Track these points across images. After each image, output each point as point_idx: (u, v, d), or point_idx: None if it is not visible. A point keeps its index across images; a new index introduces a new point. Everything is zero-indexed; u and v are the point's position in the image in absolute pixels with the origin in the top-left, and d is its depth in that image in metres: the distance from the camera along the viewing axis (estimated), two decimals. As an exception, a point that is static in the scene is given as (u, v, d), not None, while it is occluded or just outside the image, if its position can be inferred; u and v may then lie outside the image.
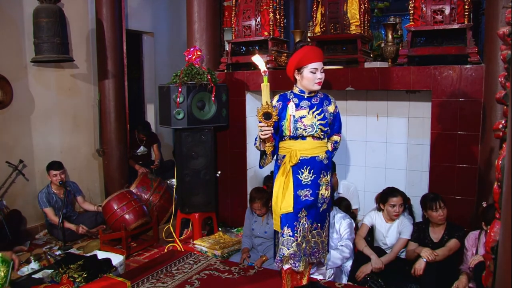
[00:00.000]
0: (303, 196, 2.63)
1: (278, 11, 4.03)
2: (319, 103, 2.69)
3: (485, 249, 1.38)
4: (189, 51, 3.76)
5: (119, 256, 3.42)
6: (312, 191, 2.63)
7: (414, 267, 2.90)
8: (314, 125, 2.61)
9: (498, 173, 1.35)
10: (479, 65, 3.10)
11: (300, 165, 2.62)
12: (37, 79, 4.39)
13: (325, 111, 2.67)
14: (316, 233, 2.72)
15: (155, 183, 4.59)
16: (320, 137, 2.65)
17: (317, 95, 2.72)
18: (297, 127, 2.59)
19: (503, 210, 1.19)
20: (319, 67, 2.60)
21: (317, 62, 2.59)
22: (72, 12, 4.53)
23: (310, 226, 2.66)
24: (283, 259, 2.64)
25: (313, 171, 2.63)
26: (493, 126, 1.54)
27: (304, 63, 2.60)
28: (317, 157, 2.64)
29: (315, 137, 2.63)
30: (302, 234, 2.63)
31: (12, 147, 4.20)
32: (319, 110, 2.65)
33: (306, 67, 2.60)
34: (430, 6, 3.26)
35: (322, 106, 2.68)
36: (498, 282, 1.22)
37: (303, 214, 2.64)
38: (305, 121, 2.61)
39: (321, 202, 2.69)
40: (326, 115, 2.66)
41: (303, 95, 2.68)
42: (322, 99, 2.72)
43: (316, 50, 2.67)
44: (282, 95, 2.75)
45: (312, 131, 2.61)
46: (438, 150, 3.28)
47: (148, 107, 6.03)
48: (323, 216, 2.73)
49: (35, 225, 4.36)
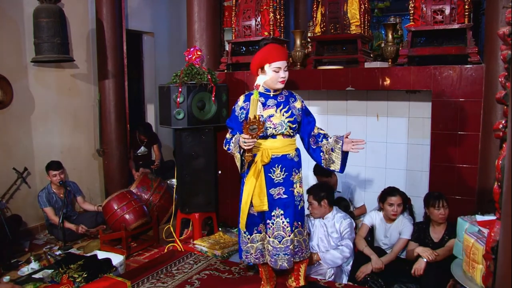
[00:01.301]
0: (276, 195, 2.66)
1: (278, 11, 4.03)
2: (285, 100, 2.70)
3: (485, 249, 1.38)
4: (189, 51, 3.76)
5: (119, 256, 3.42)
6: (285, 189, 2.66)
7: (414, 267, 2.90)
8: (283, 123, 2.63)
9: (498, 173, 1.36)
10: (479, 65, 3.10)
11: (272, 163, 2.64)
12: (37, 79, 4.40)
13: (292, 108, 2.68)
14: (298, 232, 2.73)
15: (155, 183, 4.59)
16: (290, 134, 2.67)
17: (282, 93, 2.73)
18: (266, 127, 2.60)
19: (503, 210, 1.20)
20: (282, 66, 2.61)
21: (280, 61, 2.60)
22: (72, 12, 4.53)
23: (288, 225, 2.66)
24: (249, 257, 2.75)
25: (284, 169, 2.65)
26: (493, 126, 1.54)
27: (267, 62, 2.60)
28: (288, 155, 2.67)
29: (285, 135, 2.65)
30: (277, 232, 2.66)
31: (12, 147, 4.21)
32: (286, 108, 2.67)
33: (270, 65, 2.60)
34: (430, 6, 3.26)
35: (289, 103, 2.69)
36: (498, 282, 1.22)
37: (277, 213, 2.66)
38: (274, 119, 2.63)
39: (298, 200, 2.72)
40: (293, 111, 2.68)
41: (269, 94, 2.70)
42: (288, 96, 2.73)
43: (279, 49, 2.68)
44: (247, 95, 2.77)
45: (282, 129, 2.62)
46: (438, 150, 3.28)
47: (148, 107, 6.04)
48: (302, 215, 2.75)
49: (35, 225, 4.36)
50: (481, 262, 2.31)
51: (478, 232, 2.46)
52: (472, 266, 2.38)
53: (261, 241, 2.75)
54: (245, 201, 2.66)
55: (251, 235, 2.75)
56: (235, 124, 2.74)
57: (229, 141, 2.70)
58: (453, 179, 3.24)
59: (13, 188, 4.17)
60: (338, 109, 4.11)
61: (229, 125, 2.79)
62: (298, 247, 2.73)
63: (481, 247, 2.30)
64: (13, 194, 4.19)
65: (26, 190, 4.32)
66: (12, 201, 4.18)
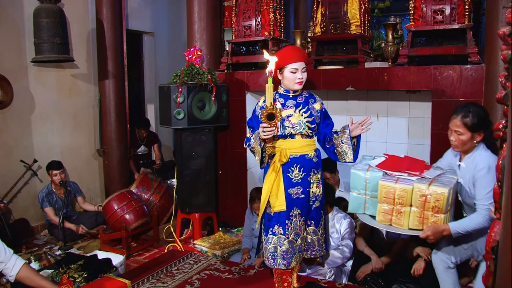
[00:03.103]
0: (294, 194, 2.67)
1: (278, 11, 4.03)
2: (305, 101, 2.74)
3: (485, 249, 1.38)
4: (190, 51, 3.76)
5: (119, 256, 3.42)
6: (303, 189, 2.68)
7: (414, 267, 2.90)
8: (302, 122, 2.66)
9: (498, 173, 1.36)
10: (479, 65, 3.10)
11: (290, 163, 2.65)
12: (38, 79, 4.40)
13: (311, 109, 2.73)
14: (311, 231, 2.75)
15: (156, 183, 4.59)
16: (308, 135, 2.69)
17: (302, 94, 2.78)
18: (284, 126, 2.63)
19: (503, 210, 1.20)
20: (299, 67, 2.64)
21: (297, 62, 2.64)
22: (72, 12, 4.53)
23: (303, 224, 2.69)
24: (275, 257, 2.68)
25: (303, 169, 2.67)
26: (493, 126, 1.54)
27: (284, 63, 2.65)
28: (307, 155, 2.68)
29: (303, 135, 2.68)
30: (294, 231, 2.67)
31: (12, 147, 4.21)
32: (305, 108, 2.71)
33: (287, 67, 2.65)
34: (431, 6, 3.26)
35: (308, 104, 2.73)
36: (498, 282, 1.22)
37: (295, 212, 2.67)
38: (292, 119, 2.66)
39: (313, 200, 2.73)
40: (312, 112, 2.72)
41: (288, 95, 2.74)
42: (308, 98, 2.77)
43: (296, 50, 2.73)
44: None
45: (300, 129, 2.65)
46: (439, 150, 3.27)
47: (148, 107, 6.04)
48: (316, 214, 2.76)
49: (35, 225, 4.36)
50: (410, 203, 2.27)
51: (387, 175, 2.40)
52: (398, 212, 2.32)
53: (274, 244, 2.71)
54: (265, 199, 2.68)
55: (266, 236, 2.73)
56: (255, 123, 2.75)
57: (249, 138, 2.71)
58: (453, 179, 3.23)
59: (15, 187, 4.15)
60: (338, 109, 4.11)
61: (249, 124, 2.82)
62: (310, 244, 2.76)
63: (409, 187, 2.26)
64: (14, 194, 4.19)
65: (26, 190, 4.32)
66: (13, 200, 4.18)
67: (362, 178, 2.48)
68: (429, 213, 2.27)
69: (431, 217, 2.27)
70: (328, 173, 3.73)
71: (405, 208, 2.31)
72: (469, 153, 2.36)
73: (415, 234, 2.33)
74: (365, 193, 2.50)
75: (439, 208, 2.23)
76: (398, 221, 2.34)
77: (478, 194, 2.26)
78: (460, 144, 2.34)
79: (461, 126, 2.31)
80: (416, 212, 2.30)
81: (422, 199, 2.25)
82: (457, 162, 2.45)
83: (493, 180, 2.14)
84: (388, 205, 2.35)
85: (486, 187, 2.22)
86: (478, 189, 2.26)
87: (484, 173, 2.24)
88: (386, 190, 2.34)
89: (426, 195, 2.24)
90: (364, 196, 2.51)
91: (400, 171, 2.44)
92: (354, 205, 2.57)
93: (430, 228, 2.27)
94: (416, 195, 2.27)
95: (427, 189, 2.24)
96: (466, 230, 2.26)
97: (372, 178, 2.46)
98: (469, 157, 2.36)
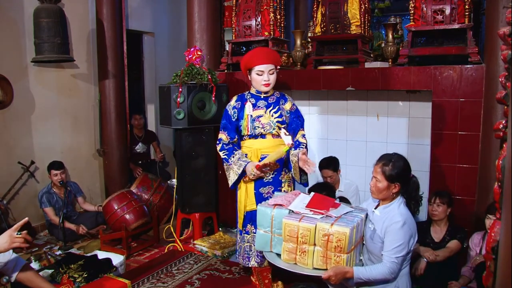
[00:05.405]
0: (265, 194, 2.73)
1: (278, 11, 4.03)
2: (276, 101, 2.79)
3: (486, 249, 1.38)
4: (190, 51, 3.77)
5: (120, 256, 3.41)
6: (274, 188, 2.74)
7: (414, 267, 2.90)
8: (272, 123, 2.72)
9: (499, 173, 1.35)
10: (479, 65, 3.10)
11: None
12: (38, 79, 4.40)
13: (281, 109, 2.78)
14: None
15: (156, 183, 4.60)
16: (279, 135, 2.71)
17: (273, 95, 2.82)
18: (254, 126, 2.70)
19: (503, 210, 1.19)
20: (265, 70, 2.68)
21: (263, 65, 2.67)
22: (72, 12, 4.53)
23: None
24: (250, 256, 2.75)
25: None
26: (494, 126, 1.54)
27: (250, 65, 2.70)
28: None
29: (274, 135, 2.73)
30: None
31: (12, 147, 4.21)
32: (276, 108, 2.76)
33: (253, 69, 2.70)
34: (431, 6, 3.26)
35: (279, 104, 2.78)
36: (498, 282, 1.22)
37: None
38: (263, 120, 2.72)
39: None
40: (282, 113, 2.77)
41: (260, 95, 2.79)
42: (279, 98, 2.82)
43: (263, 53, 2.75)
44: (240, 96, 2.86)
45: (270, 129, 2.71)
46: (439, 150, 3.28)
47: (148, 107, 6.03)
48: None
49: (36, 225, 4.36)
50: (314, 242, 2.18)
51: (292, 213, 2.32)
52: (302, 251, 2.23)
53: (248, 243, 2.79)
54: (239, 201, 2.77)
55: (241, 234, 2.81)
56: (228, 123, 2.82)
57: (229, 153, 2.77)
58: (453, 179, 3.24)
59: (14, 188, 4.16)
60: (338, 109, 4.11)
61: (223, 124, 2.87)
62: None
63: (312, 226, 2.17)
64: (14, 195, 4.19)
65: (26, 190, 4.31)
66: (12, 201, 4.18)
67: (268, 216, 2.37)
68: (332, 253, 2.17)
69: (333, 257, 2.17)
70: (331, 171, 3.73)
71: (309, 247, 2.21)
72: (387, 203, 2.29)
73: (319, 275, 2.21)
74: (271, 231, 2.38)
75: (341, 248, 2.13)
76: (303, 260, 2.24)
77: (387, 246, 2.18)
78: (376, 191, 2.28)
79: (380, 174, 2.26)
80: (319, 252, 2.20)
81: (324, 239, 2.16)
82: (372, 208, 2.37)
83: (404, 236, 2.15)
84: (293, 244, 2.25)
85: (397, 241, 2.15)
86: (389, 241, 2.17)
87: (399, 227, 2.16)
88: (289, 228, 2.24)
89: (329, 234, 2.15)
90: (270, 234, 2.39)
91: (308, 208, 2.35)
92: (261, 243, 2.43)
93: (332, 268, 2.15)
94: (319, 234, 2.17)
95: (330, 228, 2.15)
96: (368, 277, 2.16)
97: (277, 215, 2.34)
98: (387, 207, 2.28)
